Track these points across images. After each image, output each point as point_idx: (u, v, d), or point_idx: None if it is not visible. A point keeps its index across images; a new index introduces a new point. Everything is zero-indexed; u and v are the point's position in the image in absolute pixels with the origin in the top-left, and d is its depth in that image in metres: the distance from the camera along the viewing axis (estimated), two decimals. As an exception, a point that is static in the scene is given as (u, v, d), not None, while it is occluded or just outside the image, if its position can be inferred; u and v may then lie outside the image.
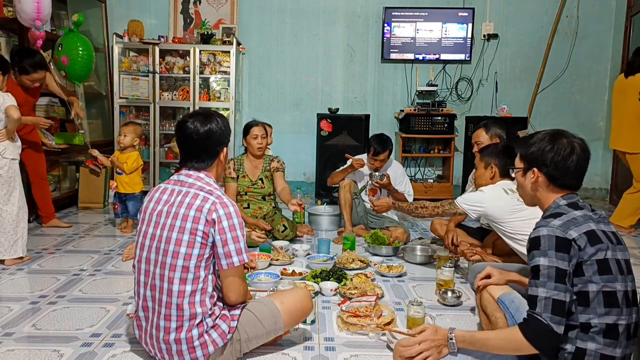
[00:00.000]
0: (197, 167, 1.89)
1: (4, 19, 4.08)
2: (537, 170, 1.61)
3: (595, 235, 1.49)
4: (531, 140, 1.66)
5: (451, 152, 5.62)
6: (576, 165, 1.57)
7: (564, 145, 1.58)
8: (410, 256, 3.36)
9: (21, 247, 3.14)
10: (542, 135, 1.64)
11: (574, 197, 1.60)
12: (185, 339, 1.77)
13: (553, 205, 1.60)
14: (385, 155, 3.80)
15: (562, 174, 1.58)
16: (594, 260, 1.45)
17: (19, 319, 2.33)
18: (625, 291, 1.48)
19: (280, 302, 1.98)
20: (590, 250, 1.46)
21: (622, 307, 1.46)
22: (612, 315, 1.45)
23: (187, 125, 1.88)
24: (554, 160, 1.57)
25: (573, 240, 1.46)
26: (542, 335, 1.44)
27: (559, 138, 1.60)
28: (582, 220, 1.51)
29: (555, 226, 1.49)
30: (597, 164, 5.97)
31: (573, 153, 1.57)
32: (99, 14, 5.62)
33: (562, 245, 1.46)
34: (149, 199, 1.92)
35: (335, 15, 5.87)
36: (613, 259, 1.48)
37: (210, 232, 1.77)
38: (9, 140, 3.09)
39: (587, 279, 1.46)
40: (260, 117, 5.44)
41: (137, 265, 1.87)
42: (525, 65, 5.92)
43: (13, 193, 3.10)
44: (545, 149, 1.59)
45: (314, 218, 4.22)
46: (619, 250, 1.53)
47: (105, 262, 3.23)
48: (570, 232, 1.47)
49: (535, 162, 1.62)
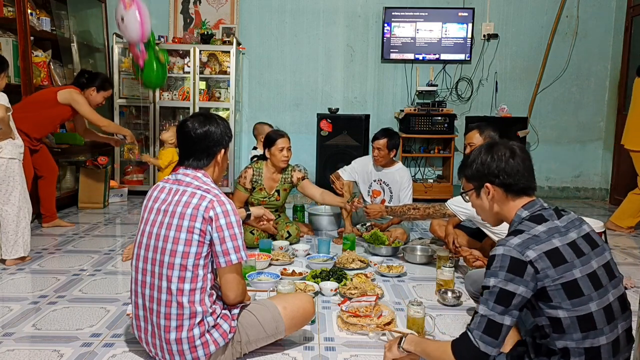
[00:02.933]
0: (194, 166, 1.89)
1: (4, 19, 4.09)
2: (490, 185, 1.55)
3: (558, 254, 1.39)
4: (469, 159, 1.61)
5: (451, 152, 5.62)
6: (523, 165, 1.52)
7: (502, 150, 1.54)
8: (410, 256, 3.36)
9: (22, 247, 3.14)
10: (477, 151, 1.60)
11: (536, 204, 1.52)
12: (187, 338, 1.77)
13: (516, 220, 1.52)
14: (383, 144, 3.74)
15: (514, 178, 1.52)
16: (559, 285, 1.36)
17: (19, 319, 2.33)
18: (605, 307, 1.39)
19: (283, 307, 1.98)
20: (553, 274, 1.37)
21: (602, 326, 1.38)
22: (589, 338, 1.37)
23: (186, 124, 1.90)
24: (500, 168, 1.52)
25: (530, 262, 1.37)
26: (469, 352, 1.42)
27: (494, 146, 1.56)
28: (544, 237, 1.41)
29: (512, 245, 1.41)
30: (597, 163, 5.97)
31: (515, 155, 1.53)
32: (99, 14, 5.62)
33: (516, 266, 1.38)
34: (147, 197, 1.93)
35: (335, 15, 5.87)
36: (584, 277, 1.38)
37: (208, 229, 1.77)
38: (8, 139, 3.07)
39: (556, 305, 1.37)
40: (260, 117, 5.48)
41: (136, 263, 1.87)
42: (525, 65, 5.93)
43: (13, 193, 3.09)
44: (487, 160, 1.54)
45: (314, 218, 4.22)
46: (595, 257, 1.43)
47: (105, 262, 3.23)
48: (528, 253, 1.38)
49: (484, 178, 1.56)
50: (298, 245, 3.51)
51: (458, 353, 1.45)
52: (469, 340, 1.43)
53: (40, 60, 4.50)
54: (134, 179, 5.65)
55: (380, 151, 3.78)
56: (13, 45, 4.14)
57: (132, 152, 4.87)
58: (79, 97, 4.01)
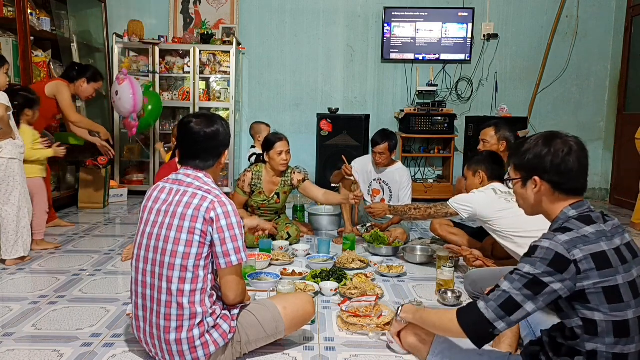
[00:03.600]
0: (199, 166, 1.89)
1: (4, 19, 4.09)
2: (539, 179, 1.49)
3: (604, 258, 1.36)
4: (524, 147, 1.54)
5: (451, 152, 5.62)
6: (578, 165, 1.46)
7: (560, 146, 1.46)
8: (410, 256, 3.36)
9: (22, 247, 3.14)
10: (534, 140, 1.52)
11: (584, 205, 1.48)
12: (187, 339, 1.77)
13: (562, 217, 1.47)
14: (384, 148, 3.74)
15: (566, 177, 1.46)
16: (600, 288, 1.34)
17: (19, 319, 2.33)
18: (639, 316, 1.37)
19: (283, 307, 1.98)
20: (595, 276, 1.34)
21: (635, 335, 1.36)
22: (620, 345, 1.35)
23: (191, 126, 1.88)
24: (554, 164, 1.45)
25: (574, 261, 1.34)
26: (473, 317, 1.41)
27: (553, 139, 1.48)
28: (593, 239, 1.37)
29: (560, 241, 1.37)
30: (597, 163, 5.97)
31: (571, 152, 1.46)
32: (99, 14, 5.62)
33: (559, 262, 1.35)
34: (147, 197, 1.92)
35: (335, 15, 5.87)
36: (625, 284, 1.35)
37: (209, 230, 1.77)
38: (9, 139, 3.07)
39: (594, 307, 1.35)
40: (260, 117, 5.48)
41: (136, 264, 1.87)
42: (525, 65, 5.93)
43: (13, 193, 3.09)
44: (542, 153, 1.47)
45: (314, 218, 4.22)
46: (635, 266, 1.40)
47: (105, 262, 3.23)
48: (575, 252, 1.35)
49: (534, 170, 1.49)
50: (298, 245, 3.51)
51: (463, 318, 1.44)
52: (476, 306, 1.42)
53: (40, 60, 4.50)
54: (134, 179, 5.65)
55: (382, 155, 3.79)
56: (13, 45, 4.14)
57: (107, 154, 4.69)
58: (64, 89, 4.00)
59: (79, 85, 4.13)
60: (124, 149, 5.64)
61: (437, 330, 1.54)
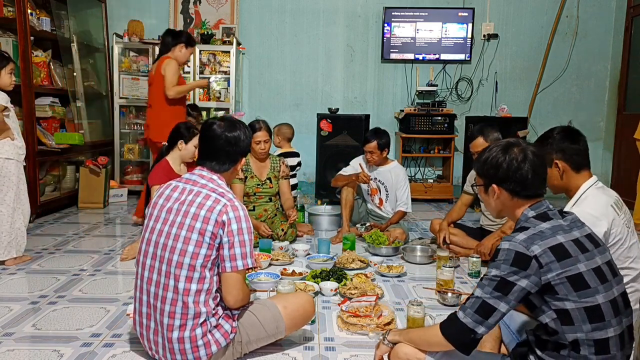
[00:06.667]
0: (215, 168, 1.90)
1: (4, 19, 4.09)
2: (497, 187, 1.56)
3: (562, 249, 1.42)
4: (484, 155, 1.61)
5: (451, 152, 5.62)
6: (533, 173, 1.51)
7: (515, 155, 1.52)
8: (410, 256, 3.36)
9: (15, 248, 3.12)
10: (494, 149, 1.58)
11: (542, 205, 1.54)
12: (189, 338, 1.78)
13: (522, 218, 1.54)
14: (373, 146, 3.72)
15: (521, 185, 1.52)
16: (565, 278, 1.40)
17: (19, 319, 2.33)
18: (611, 300, 1.42)
19: (283, 307, 1.99)
20: (557, 268, 1.40)
21: (610, 319, 1.41)
22: (599, 330, 1.40)
23: (214, 128, 1.91)
24: (509, 173, 1.52)
25: (534, 257, 1.40)
26: (455, 327, 1.47)
27: (509, 148, 1.54)
28: (549, 234, 1.44)
29: (518, 240, 1.44)
30: (597, 164, 5.97)
31: (526, 160, 1.51)
32: (99, 13, 5.62)
33: (520, 260, 1.41)
34: (158, 194, 1.92)
35: (335, 15, 5.87)
36: (589, 271, 1.41)
37: (219, 233, 1.77)
38: (7, 139, 3.05)
39: (563, 297, 1.40)
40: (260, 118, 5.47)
41: (143, 260, 1.86)
42: (525, 65, 5.93)
43: (8, 194, 3.06)
44: (498, 162, 1.54)
45: (314, 218, 4.22)
46: (598, 254, 1.46)
47: (105, 262, 3.23)
48: (533, 248, 1.41)
49: (492, 179, 1.57)
50: (298, 245, 3.51)
51: (445, 330, 1.50)
52: (456, 317, 1.48)
53: (40, 60, 4.50)
54: (134, 179, 5.65)
55: (372, 154, 3.77)
56: (13, 45, 4.14)
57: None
58: (171, 65, 3.99)
59: (178, 50, 4.08)
60: (124, 149, 5.62)
61: (425, 345, 1.61)
